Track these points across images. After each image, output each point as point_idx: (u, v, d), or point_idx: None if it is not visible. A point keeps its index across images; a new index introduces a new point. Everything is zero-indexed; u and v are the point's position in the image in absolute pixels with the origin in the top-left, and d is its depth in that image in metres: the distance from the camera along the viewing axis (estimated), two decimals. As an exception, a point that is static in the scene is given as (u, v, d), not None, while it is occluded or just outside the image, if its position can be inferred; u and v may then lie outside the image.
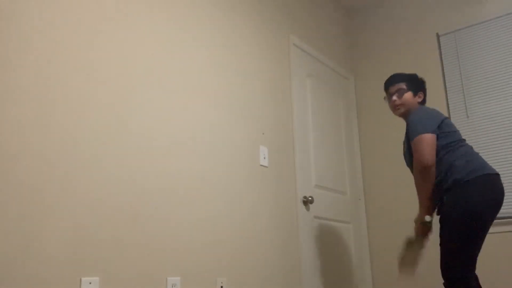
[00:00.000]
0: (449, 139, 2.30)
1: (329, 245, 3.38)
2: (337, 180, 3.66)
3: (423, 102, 2.63)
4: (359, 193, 3.91)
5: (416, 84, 2.63)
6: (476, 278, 2.23)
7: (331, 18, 4.12)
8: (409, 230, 3.60)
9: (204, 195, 2.49)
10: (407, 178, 3.67)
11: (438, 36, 3.86)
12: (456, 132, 2.35)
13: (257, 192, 2.85)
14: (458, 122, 3.62)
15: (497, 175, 2.23)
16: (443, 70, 3.78)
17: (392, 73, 4.23)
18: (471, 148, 2.33)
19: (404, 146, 2.58)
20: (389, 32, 4.13)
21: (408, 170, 3.69)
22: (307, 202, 3.22)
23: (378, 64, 4.13)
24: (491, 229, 3.26)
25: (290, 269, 2.96)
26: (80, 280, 1.87)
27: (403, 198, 3.69)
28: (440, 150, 2.29)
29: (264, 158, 2.96)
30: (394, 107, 2.60)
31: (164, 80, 2.42)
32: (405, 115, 2.58)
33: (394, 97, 2.58)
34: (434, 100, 3.76)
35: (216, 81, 2.74)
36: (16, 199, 1.73)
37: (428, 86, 3.81)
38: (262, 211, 2.85)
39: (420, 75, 3.84)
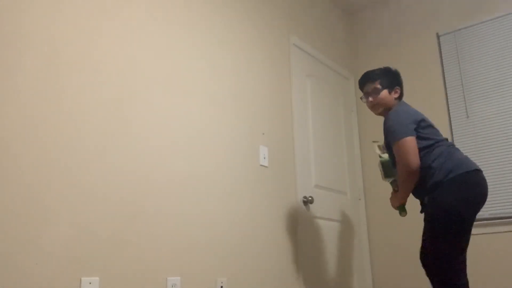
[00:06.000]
0: (426, 142, 2.30)
1: (329, 245, 3.37)
2: (337, 180, 3.66)
3: (401, 96, 2.57)
4: (359, 193, 3.91)
5: (391, 79, 2.54)
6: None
7: (331, 18, 4.12)
8: (410, 230, 3.60)
9: (204, 195, 2.49)
10: (407, 178, 3.67)
11: (438, 36, 3.86)
12: (433, 132, 2.34)
13: (257, 192, 2.85)
14: (458, 122, 3.62)
15: (476, 170, 2.22)
16: (443, 70, 3.79)
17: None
18: (450, 145, 2.33)
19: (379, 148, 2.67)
20: (389, 32, 4.13)
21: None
22: (307, 202, 3.22)
23: (378, 64, 4.10)
24: (491, 229, 3.30)
25: (290, 269, 2.97)
26: (80, 280, 1.87)
27: (403, 198, 3.69)
28: (419, 152, 2.29)
29: (264, 158, 2.97)
30: (372, 108, 2.57)
31: (164, 80, 2.42)
32: (384, 113, 2.54)
33: (370, 98, 2.54)
34: (434, 100, 3.76)
35: (216, 81, 2.74)
36: (16, 199, 1.74)
37: (428, 86, 3.83)
38: (262, 211, 2.85)
39: (420, 75, 3.88)
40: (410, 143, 2.24)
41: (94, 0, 2.17)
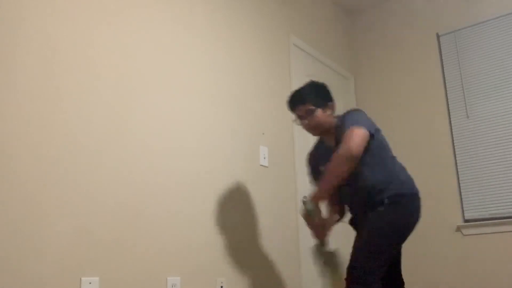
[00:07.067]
0: (388, 150, 2.28)
1: (329, 245, 3.37)
2: (337, 180, 3.65)
3: (335, 109, 2.39)
4: (359, 193, 3.91)
5: (322, 95, 2.35)
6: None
7: (331, 18, 4.11)
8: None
9: (204, 195, 2.49)
10: (407, 178, 3.67)
11: (438, 36, 3.86)
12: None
13: (257, 192, 2.85)
14: (458, 122, 3.62)
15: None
16: (443, 70, 3.78)
17: (388, 75, 4.19)
18: None
19: (312, 158, 2.51)
20: (389, 32, 4.13)
21: (411, 170, 3.67)
22: (307, 202, 3.21)
23: (378, 64, 4.13)
24: (491, 229, 3.30)
25: (290, 269, 2.96)
26: (80, 280, 1.87)
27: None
28: (385, 158, 2.23)
29: (264, 158, 2.96)
30: (309, 130, 2.38)
31: (164, 80, 2.42)
32: (325, 132, 2.36)
33: (306, 121, 2.33)
34: (434, 100, 3.76)
35: (216, 81, 2.73)
36: (16, 199, 1.73)
37: (428, 86, 3.83)
38: (262, 211, 2.85)
39: (420, 75, 3.88)
40: (364, 134, 2.11)
41: (93, 0, 2.17)
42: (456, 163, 3.56)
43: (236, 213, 2.66)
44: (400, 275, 2.34)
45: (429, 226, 3.55)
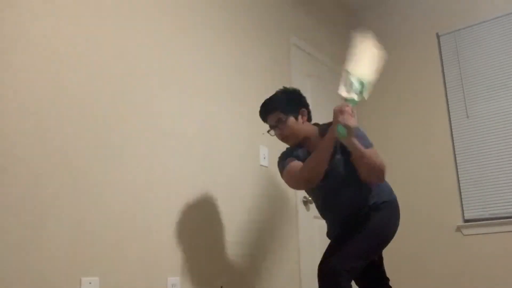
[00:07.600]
0: None
1: (329, 245, 3.37)
2: (337, 180, 3.65)
3: (309, 116, 2.29)
4: (359, 193, 3.91)
5: (293, 102, 2.24)
6: None
7: (331, 18, 4.11)
8: (407, 229, 3.60)
9: (204, 195, 2.49)
10: (407, 178, 3.67)
11: (438, 36, 3.86)
12: None
13: (257, 192, 2.85)
14: (458, 122, 3.62)
15: None
16: (443, 70, 3.78)
17: (388, 75, 4.22)
18: None
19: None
20: (389, 32, 4.13)
21: (411, 169, 3.70)
22: (307, 202, 3.21)
23: (378, 64, 4.12)
24: (491, 229, 3.30)
25: (290, 270, 2.96)
26: (80, 280, 1.87)
27: (403, 198, 3.68)
28: None
29: (264, 158, 2.96)
30: (283, 140, 2.27)
31: (165, 81, 2.42)
32: (303, 141, 2.24)
33: (279, 131, 2.24)
34: (434, 100, 3.76)
35: (216, 82, 2.74)
36: (16, 199, 1.73)
37: (428, 86, 3.83)
38: (262, 211, 2.85)
39: (420, 75, 3.88)
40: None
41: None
42: (456, 163, 3.56)
43: (236, 213, 2.66)
44: (384, 273, 2.32)
45: (429, 226, 3.56)
